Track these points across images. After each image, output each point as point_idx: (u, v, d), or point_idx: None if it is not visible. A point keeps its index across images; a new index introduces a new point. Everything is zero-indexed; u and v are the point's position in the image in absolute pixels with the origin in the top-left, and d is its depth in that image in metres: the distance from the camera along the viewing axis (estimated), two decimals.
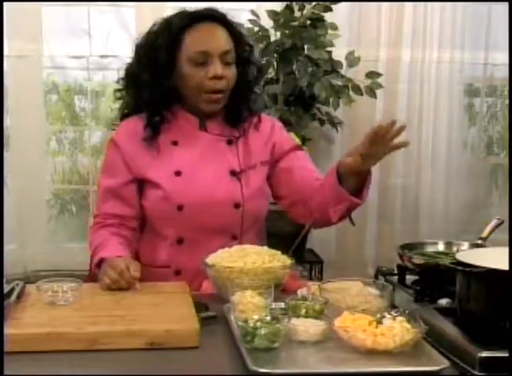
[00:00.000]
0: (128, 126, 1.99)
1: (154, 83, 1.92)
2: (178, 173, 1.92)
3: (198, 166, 1.93)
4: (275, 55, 3.39)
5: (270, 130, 2.05)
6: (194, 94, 1.92)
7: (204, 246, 1.86)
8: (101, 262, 1.79)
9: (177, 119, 1.97)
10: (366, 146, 1.73)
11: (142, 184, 1.95)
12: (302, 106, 3.40)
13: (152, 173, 1.92)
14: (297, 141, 2.14)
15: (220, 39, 1.91)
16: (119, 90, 2.05)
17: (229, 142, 1.98)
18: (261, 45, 3.41)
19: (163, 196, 1.90)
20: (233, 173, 1.95)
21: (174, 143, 1.95)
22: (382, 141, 1.72)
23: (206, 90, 1.90)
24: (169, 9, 3.50)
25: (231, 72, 1.92)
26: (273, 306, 1.51)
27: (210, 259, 1.74)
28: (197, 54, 1.89)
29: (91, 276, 1.88)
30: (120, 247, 1.85)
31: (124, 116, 2.04)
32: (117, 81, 2.04)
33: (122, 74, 2.03)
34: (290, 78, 3.36)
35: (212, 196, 1.91)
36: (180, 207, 1.89)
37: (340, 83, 3.41)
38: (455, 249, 1.86)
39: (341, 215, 1.91)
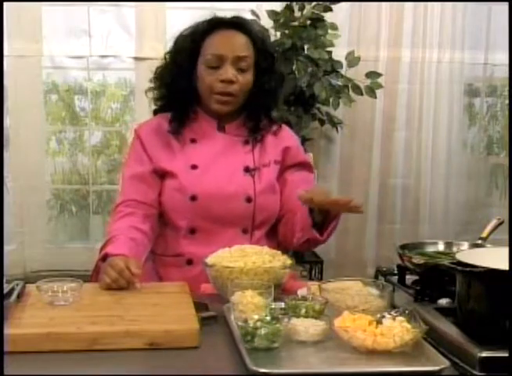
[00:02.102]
0: (151, 122, 2.09)
1: (177, 84, 2.00)
2: (194, 166, 1.98)
3: (214, 161, 2.00)
4: (275, 55, 3.39)
5: (286, 136, 2.11)
6: (206, 95, 1.99)
7: (216, 237, 1.93)
8: (105, 256, 1.80)
9: (197, 119, 2.04)
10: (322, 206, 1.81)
11: (160, 177, 2.01)
12: (302, 106, 3.41)
13: (170, 165, 1.99)
14: (311, 160, 2.17)
15: (236, 45, 1.97)
16: (152, 89, 2.11)
17: (246, 143, 2.04)
18: None
19: (178, 186, 1.96)
20: (247, 169, 2.00)
21: (193, 141, 2.03)
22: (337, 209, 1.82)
23: (216, 92, 1.97)
24: (169, 9, 3.52)
25: (245, 78, 1.97)
26: (273, 306, 1.51)
27: (210, 259, 1.74)
28: (212, 57, 1.96)
29: (97, 269, 1.89)
30: (128, 245, 1.85)
31: (155, 113, 2.14)
32: (150, 80, 2.12)
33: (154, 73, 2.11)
34: (290, 78, 3.36)
35: (225, 188, 1.96)
36: (193, 198, 1.95)
37: (340, 83, 3.42)
38: (455, 249, 1.86)
39: (301, 243, 1.95)
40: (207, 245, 1.88)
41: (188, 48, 1.99)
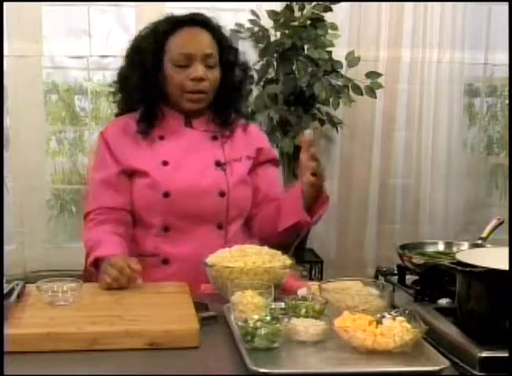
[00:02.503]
0: (118, 123, 2.07)
1: (142, 84, 1.99)
2: (165, 163, 1.97)
3: (184, 157, 1.99)
4: (275, 55, 3.39)
5: (257, 136, 2.14)
6: (177, 94, 1.99)
7: (190, 234, 1.93)
8: (96, 260, 1.80)
9: (164, 117, 2.04)
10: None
11: (130, 176, 1.99)
12: (302, 106, 3.41)
13: (140, 163, 1.98)
14: (277, 155, 2.22)
15: (202, 42, 1.98)
16: (113, 93, 2.12)
17: (214, 138, 2.04)
18: (261, 45, 3.42)
19: (150, 183, 1.95)
20: (218, 164, 2.00)
21: (161, 138, 2.02)
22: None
23: (187, 90, 1.97)
24: (169, 9, 3.51)
25: (213, 75, 1.98)
26: (273, 306, 1.50)
27: (211, 259, 1.74)
28: (180, 56, 1.96)
29: (86, 275, 1.90)
30: (116, 246, 1.86)
31: (116, 115, 2.13)
32: (111, 85, 2.13)
33: (115, 77, 2.10)
34: (290, 78, 3.37)
35: (198, 184, 1.96)
36: (166, 195, 1.94)
37: (340, 83, 3.42)
38: (455, 249, 1.86)
39: (286, 228, 1.94)
40: (181, 243, 1.89)
41: (151, 49, 1.98)
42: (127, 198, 1.98)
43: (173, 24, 2.00)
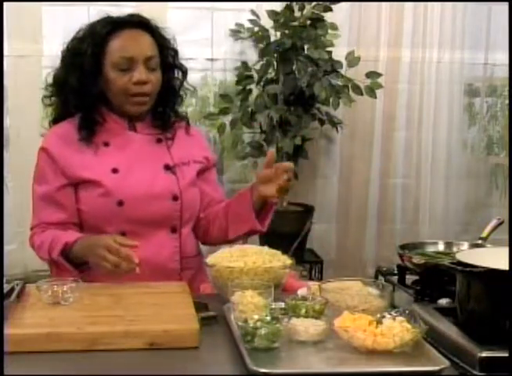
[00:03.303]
0: (58, 131, 2.00)
1: (81, 88, 1.93)
2: (114, 170, 1.93)
3: (133, 163, 1.96)
4: (275, 55, 3.39)
5: (200, 141, 2.13)
6: (119, 97, 1.95)
7: (146, 239, 1.90)
8: (65, 246, 1.80)
9: (106, 121, 1.98)
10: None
11: (76, 188, 1.94)
12: (302, 106, 3.41)
13: (89, 172, 1.92)
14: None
15: (144, 45, 1.94)
16: (48, 97, 2.05)
17: (158, 141, 2.02)
18: (261, 45, 3.42)
19: (103, 192, 1.91)
20: (167, 167, 1.98)
21: (106, 144, 1.97)
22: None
23: (131, 94, 1.93)
24: (169, 9, 3.51)
25: (155, 77, 1.95)
26: (273, 306, 1.51)
27: (211, 259, 1.75)
28: (121, 60, 1.91)
29: (55, 271, 1.92)
30: (77, 233, 1.86)
31: (54, 122, 2.05)
32: (45, 88, 2.04)
33: (50, 80, 2.03)
34: (290, 78, 3.36)
35: (150, 190, 1.94)
36: (120, 203, 1.91)
37: (340, 83, 3.42)
38: (455, 249, 1.86)
39: (238, 236, 1.99)
40: (137, 249, 1.79)
41: (90, 51, 1.91)
42: (71, 212, 1.93)
43: (113, 26, 1.95)
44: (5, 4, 3.04)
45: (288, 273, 1.74)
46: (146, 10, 3.49)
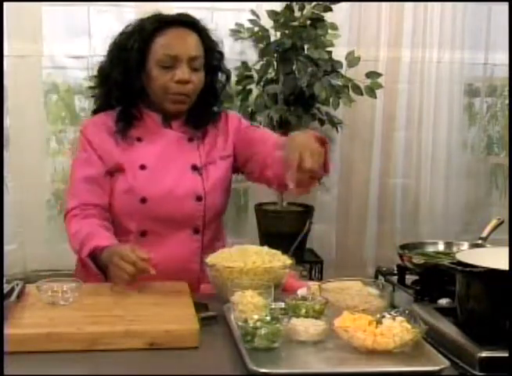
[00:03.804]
0: (97, 121, 2.02)
1: (124, 82, 1.95)
2: (142, 167, 1.94)
3: (161, 161, 1.96)
4: (275, 55, 3.39)
5: (225, 124, 2.07)
6: (159, 95, 1.95)
7: (168, 239, 1.90)
8: (95, 250, 1.78)
9: (142, 117, 2.00)
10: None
11: (111, 177, 1.95)
12: (302, 106, 3.41)
13: (119, 166, 1.94)
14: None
15: (189, 44, 1.94)
16: (92, 87, 2.07)
17: (190, 140, 2.01)
18: (261, 45, 3.42)
19: (127, 188, 1.92)
20: (194, 168, 1.97)
21: (139, 140, 1.98)
22: None
23: (171, 92, 1.93)
24: (169, 9, 3.51)
25: (197, 78, 1.94)
26: (273, 306, 1.51)
27: (211, 259, 1.74)
28: (165, 57, 1.91)
29: (81, 268, 1.90)
30: (110, 240, 1.83)
31: (94, 112, 2.07)
32: (90, 79, 2.06)
33: (95, 72, 2.05)
34: (290, 78, 3.36)
35: (175, 189, 1.94)
36: (143, 200, 1.91)
37: (340, 83, 3.42)
38: (455, 249, 1.86)
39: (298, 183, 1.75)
40: (158, 248, 1.83)
41: (136, 47, 1.93)
42: (108, 199, 1.94)
43: (160, 23, 1.95)
44: (5, 4, 3.05)
45: (288, 273, 1.74)
46: (145, 10, 3.52)
